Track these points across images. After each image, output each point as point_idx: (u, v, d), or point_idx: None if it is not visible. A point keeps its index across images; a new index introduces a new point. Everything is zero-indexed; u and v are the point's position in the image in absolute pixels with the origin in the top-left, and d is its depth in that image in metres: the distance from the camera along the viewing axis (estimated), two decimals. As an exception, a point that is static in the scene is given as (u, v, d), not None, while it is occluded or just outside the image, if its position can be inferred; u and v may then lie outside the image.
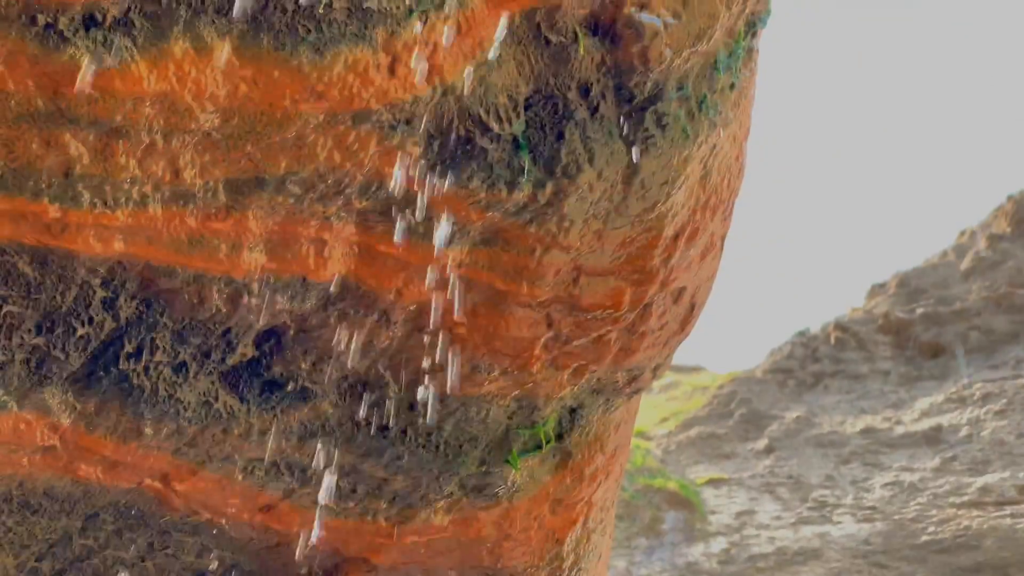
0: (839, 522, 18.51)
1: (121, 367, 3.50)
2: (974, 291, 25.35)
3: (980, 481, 18.26)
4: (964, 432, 20.39)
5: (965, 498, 17.94)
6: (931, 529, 17.34)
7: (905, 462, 20.01)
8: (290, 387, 3.74)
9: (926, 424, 20.98)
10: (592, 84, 3.33)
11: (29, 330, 3.31)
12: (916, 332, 24.77)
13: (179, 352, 3.52)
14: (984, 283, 25.41)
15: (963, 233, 28.15)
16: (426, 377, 3.73)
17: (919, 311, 25.09)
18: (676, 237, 3.68)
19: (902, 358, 24.72)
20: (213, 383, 3.65)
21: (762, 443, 22.27)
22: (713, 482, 21.05)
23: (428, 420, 3.84)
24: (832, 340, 25.56)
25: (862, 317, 26.03)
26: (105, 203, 3.08)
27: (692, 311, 4.09)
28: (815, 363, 25.48)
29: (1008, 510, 17.04)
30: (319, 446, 3.91)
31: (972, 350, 23.76)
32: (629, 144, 3.40)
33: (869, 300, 27.32)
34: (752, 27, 3.60)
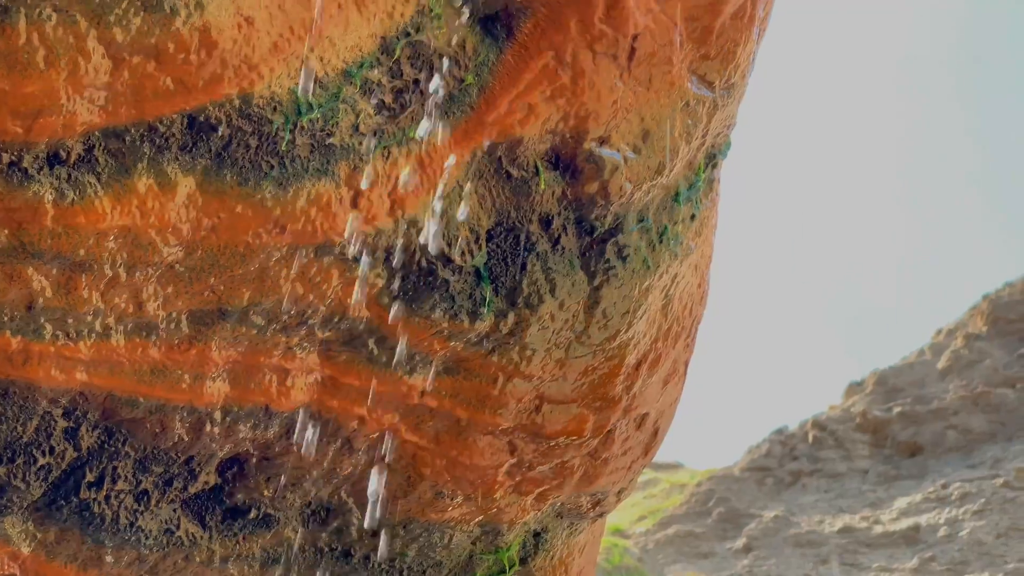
0: (818, 624, 18.37)
1: (82, 496, 3.48)
2: (951, 390, 25.45)
3: (959, 582, 18.18)
4: (943, 532, 20.34)
5: (944, 600, 17.84)
6: (910, 631, 17.21)
7: (884, 562, 19.92)
8: (253, 514, 3.73)
9: (905, 524, 20.92)
10: (553, 216, 3.38)
11: (-10, 460, 3.30)
12: (894, 431, 24.79)
13: (141, 480, 3.51)
14: (961, 382, 25.52)
15: (939, 332, 28.32)
16: (378, 508, 3.72)
17: (896, 410, 25.14)
18: (638, 365, 3.71)
19: (880, 456, 24.72)
20: (175, 511, 3.63)
21: (740, 542, 22.16)
22: (692, 582, 20.90)
23: (379, 554, 3.83)
24: (810, 438, 25.57)
25: (840, 415, 26.06)
26: (67, 335, 3.09)
27: (655, 436, 4.10)
28: (793, 461, 25.46)
29: (987, 612, 16.95)
30: (281, 572, 3.88)
31: (950, 449, 23.78)
32: (590, 275, 3.44)
33: (847, 398, 27.39)
34: (712, 159, 3.67)
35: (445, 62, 3.06)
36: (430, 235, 3.20)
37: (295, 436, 3.53)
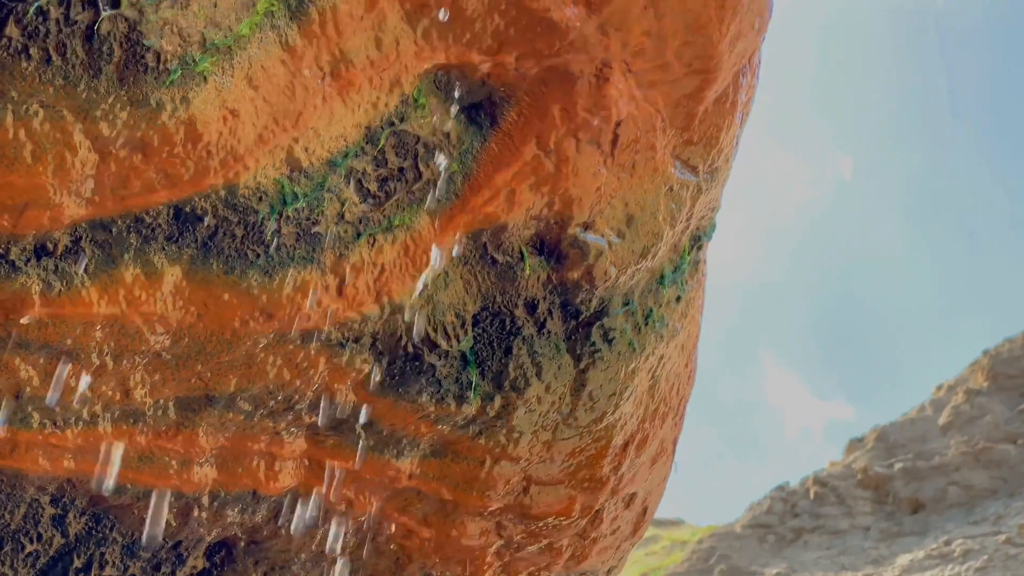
0: None
1: (70, 581, 3.47)
2: (952, 446, 25.37)
3: (962, 641, 18.06)
4: (945, 590, 20.19)
5: (947, 659, 17.70)
6: None
7: (887, 621, 19.77)
8: (241, 597, 3.72)
9: (907, 582, 20.78)
10: (539, 301, 3.39)
11: (-23, 547, 3.30)
12: (895, 487, 24.69)
13: (129, 566, 3.50)
14: (962, 438, 25.44)
15: (940, 388, 28.27)
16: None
17: (898, 466, 25.05)
18: (626, 446, 3.70)
19: (882, 513, 24.60)
20: (163, 595, 3.62)
21: (743, 601, 22.01)
22: (694, 642, 20.77)
23: None
24: (811, 494, 25.45)
25: (841, 471, 25.96)
26: (55, 423, 3.09)
27: (644, 515, 4.09)
28: (794, 518, 25.33)
29: (990, 672, 16.80)
30: (270, 655, 3.86)
31: (952, 505, 23.66)
32: (577, 358, 3.44)
33: (848, 454, 27.29)
34: (697, 241, 3.68)
35: (430, 151, 3.08)
36: (415, 327, 3.21)
37: (283, 520, 3.53)
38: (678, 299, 3.60)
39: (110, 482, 3.10)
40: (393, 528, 3.61)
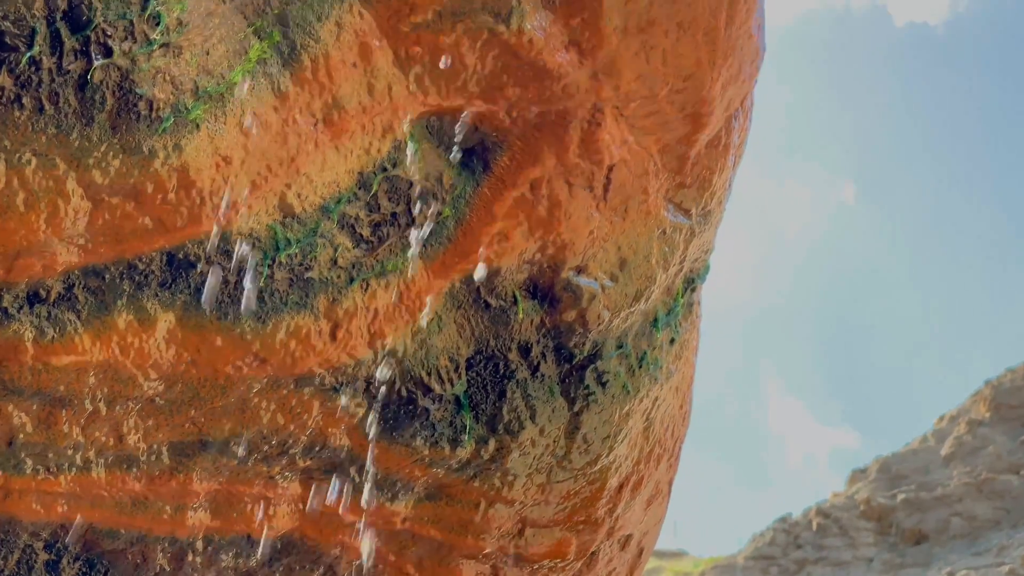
0: None
1: (63, 626, 3.45)
2: (955, 477, 25.29)
3: (965, 674, 17.97)
4: (949, 621, 20.10)
5: None
6: None
7: (891, 653, 19.67)
8: (236, 641, 3.69)
9: (911, 613, 20.69)
10: (532, 344, 3.38)
11: (-29, 592, 3.29)
12: (898, 518, 24.60)
13: (122, 611, 3.48)
14: (965, 468, 25.37)
15: (941, 418, 28.21)
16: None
17: (901, 497, 24.96)
18: (620, 488, 3.69)
19: (885, 544, 24.50)
20: (157, 639, 3.60)
21: (746, 633, 21.91)
22: (697, 675, 20.66)
23: None
24: (814, 526, 25.36)
25: (844, 503, 25.87)
26: (48, 469, 3.08)
27: (640, 556, 4.07)
28: (797, 549, 25.23)
29: None
30: None
31: (955, 536, 23.57)
32: (571, 401, 3.43)
33: (850, 485, 27.21)
34: (691, 283, 3.68)
35: (423, 196, 3.08)
36: (409, 363, 3.20)
37: (277, 565, 3.51)
38: (672, 341, 3.60)
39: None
40: (387, 572, 3.59)
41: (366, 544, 3.50)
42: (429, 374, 3.26)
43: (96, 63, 2.61)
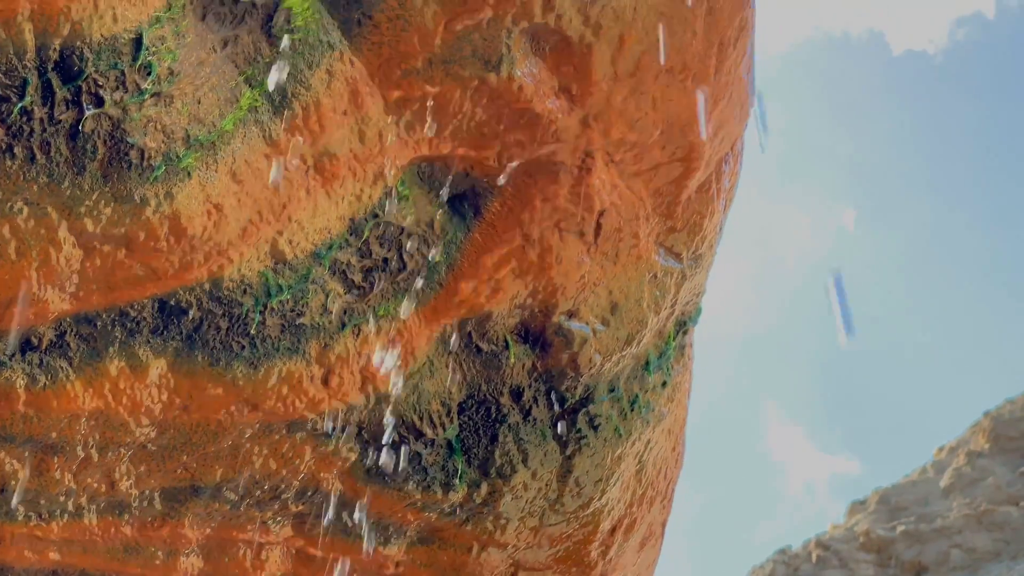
0: None
1: (55, 672, 3.43)
2: (955, 508, 25.20)
3: None
4: (949, 654, 20.00)
5: None
6: None
7: None
8: None
9: (911, 646, 20.59)
10: (524, 388, 3.37)
11: (-37, 639, 3.27)
12: (898, 550, 24.51)
13: (114, 656, 3.46)
14: (964, 500, 25.28)
15: (941, 449, 28.14)
16: None
17: (900, 528, 24.87)
18: (613, 530, 3.67)
19: (885, 576, 24.40)
20: None
21: (747, 666, 21.80)
22: None
23: None
24: (814, 558, 25.26)
25: (843, 534, 25.78)
26: (40, 515, 3.07)
27: (635, 599, 4.05)
28: (798, 582, 25.12)
29: None
30: None
31: (955, 568, 23.48)
32: (563, 445, 3.42)
33: (849, 517, 27.12)
34: (683, 326, 3.67)
35: (413, 242, 3.09)
36: (401, 408, 3.20)
37: (270, 608, 3.49)
38: (664, 384, 3.59)
39: None
40: (382, 615, 3.58)
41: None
42: (421, 418, 3.26)
43: (87, 113, 2.61)
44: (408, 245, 3.08)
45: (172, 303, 2.88)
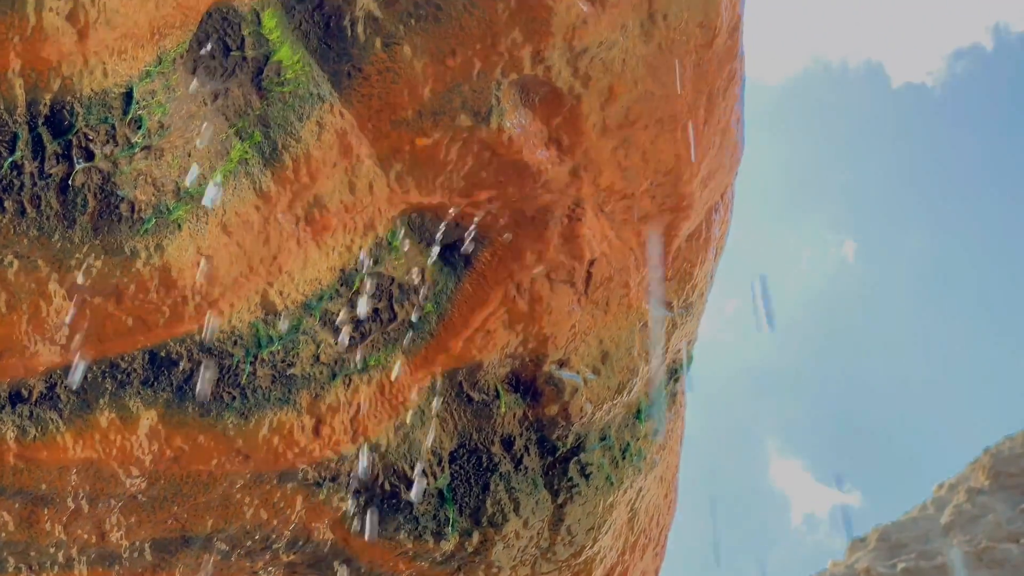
0: None
1: None
2: (956, 545, 25.08)
3: None
4: None
5: None
6: None
7: None
8: None
9: None
10: (515, 437, 3.36)
11: None
12: (899, 587, 24.38)
13: None
14: (965, 537, 25.17)
15: (940, 486, 28.03)
16: None
17: (900, 566, 24.75)
18: (606, 579, 3.65)
19: (886, 614, 24.28)
20: None
21: None
22: None
23: None
24: (815, 596, 25.12)
25: (843, 572, 25.66)
26: (30, 567, 3.04)
27: (629, 647, 4.02)
28: (799, 620, 24.98)
29: None
30: None
31: (956, 606, 23.36)
32: (554, 493, 3.40)
33: (850, 554, 26.99)
34: (674, 373, 3.66)
35: (404, 292, 3.08)
36: (392, 458, 3.18)
37: (261, 659, 3.46)
38: (656, 432, 3.58)
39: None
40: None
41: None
42: (412, 468, 3.24)
43: (78, 166, 2.62)
44: (398, 295, 3.07)
45: (163, 354, 2.87)
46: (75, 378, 2.75)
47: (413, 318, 3.11)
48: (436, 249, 3.10)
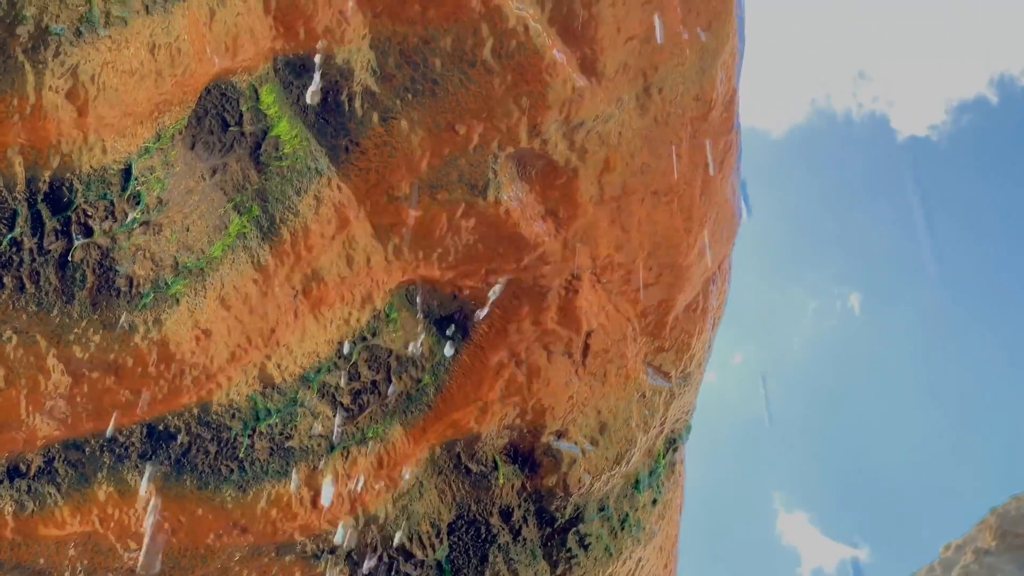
0: None
1: None
2: (963, 606, 24.80)
3: None
4: None
5: None
6: None
7: None
8: None
9: None
10: (514, 508, 3.33)
11: None
12: (907, 649, 24.09)
13: None
14: (972, 598, 24.89)
15: (947, 547, 27.77)
16: None
17: (909, 628, 24.47)
18: (606, 651, 3.61)
19: (895, 676, 23.97)
20: None
21: None
22: None
23: None
24: (824, 658, 24.84)
25: (852, 634, 25.39)
26: (26, 642, 3.02)
27: None
28: None
29: None
30: None
31: (965, 668, 23.07)
32: (553, 564, 3.37)
33: (859, 616, 26.71)
34: (673, 444, 3.64)
35: (401, 364, 3.08)
36: (390, 530, 3.16)
37: None
38: (655, 502, 3.55)
39: None
40: None
41: None
42: (411, 539, 3.21)
43: (77, 242, 2.62)
44: (396, 367, 3.07)
45: (161, 428, 2.86)
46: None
47: (411, 390, 3.10)
48: (434, 322, 3.09)
